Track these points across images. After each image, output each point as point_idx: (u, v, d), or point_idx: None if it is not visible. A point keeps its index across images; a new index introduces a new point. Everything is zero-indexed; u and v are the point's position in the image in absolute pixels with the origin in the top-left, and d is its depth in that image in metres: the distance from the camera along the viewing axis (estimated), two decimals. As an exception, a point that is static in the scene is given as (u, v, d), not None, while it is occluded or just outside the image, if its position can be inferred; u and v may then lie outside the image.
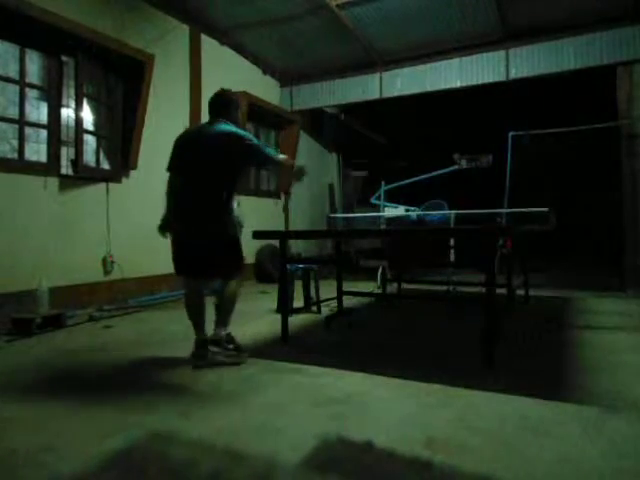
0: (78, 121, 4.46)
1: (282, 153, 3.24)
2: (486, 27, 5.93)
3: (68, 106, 4.46)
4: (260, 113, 7.14)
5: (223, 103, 2.86)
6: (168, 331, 3.60)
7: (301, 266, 4.60)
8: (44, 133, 4.41)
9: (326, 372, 2.57)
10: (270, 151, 2.81)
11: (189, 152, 2.73)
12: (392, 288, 5.46)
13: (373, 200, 6.30)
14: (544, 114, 7.81)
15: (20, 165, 4.12)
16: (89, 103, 4.64)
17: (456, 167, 5.65)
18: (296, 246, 7.26)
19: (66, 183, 4.39)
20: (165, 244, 2.84)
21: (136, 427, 1.85)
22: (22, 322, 3.49)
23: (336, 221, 6.81)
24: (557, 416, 1.94)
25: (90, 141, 4.69)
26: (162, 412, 2.02)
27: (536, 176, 9.05)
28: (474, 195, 7.70)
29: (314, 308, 4.42)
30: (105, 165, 4.84)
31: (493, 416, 1.95)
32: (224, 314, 2.79)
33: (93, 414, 2.00)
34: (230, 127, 2.71)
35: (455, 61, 6.53)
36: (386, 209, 5.98)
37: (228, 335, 2.81)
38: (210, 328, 2.80)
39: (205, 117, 5.98)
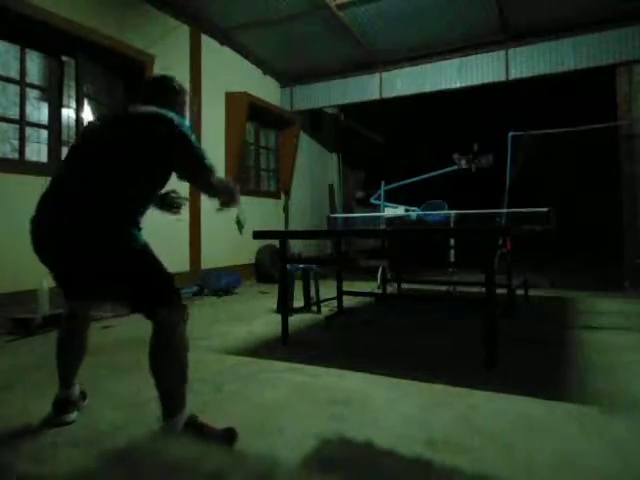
0: (79, 121, 4.46)
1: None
2: (486, 27, 5.93)
3: (69, 106, 4.47)
4: (260, 113, 7.14)
5: (161, 87, 2.01)
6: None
7: (301, 266, 4.60)
8: (45, 133, 4.41)
9: (326, 372, 2.57)
10: (214, 168, 1.85)
11: (99, 133, 1.84)
12: (392, 288, 5.47)
13: (373, 200, 6.31)
14: (544, 114, 7.81)
15: (21, 165, 4.13)
16: (89, 103, 4.63)
17: (456, 167, 5.66)
18: (296, 246, 7.26)
19: (66, 183, 4.39)
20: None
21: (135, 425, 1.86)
22: (22, 322, 3.50)
23: (336, 221, 6.81)
24: (557, 416, 1.95)
25: (90, 141, 4.70)
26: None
27: (536, 176, 9.05)
28: (474, 195, 7.71)
29: (314, 308, 4.42)
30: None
31: (493, 416, 1.95)
32: (173, 385, 1.68)
33: (92, 412, 2.01)
34: (168, 112, 1.81)
35: (455, 61, 6.54)
36: (386, 209, 5.98)
37: (191, 423, 1.69)
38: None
39: (207, 118, 6.08)
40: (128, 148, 1.72)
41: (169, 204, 2.12)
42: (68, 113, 4.46)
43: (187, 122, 1.87)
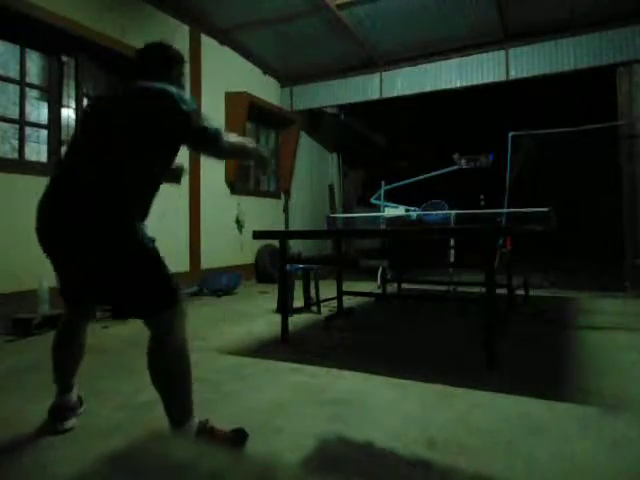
0: (78, 121, 4.47)
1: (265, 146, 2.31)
2: (486, 27, 5.93)
3: (68, 106, 4.47)
4: (260, 113, 7.14)
5: (160, 57, 1.93)
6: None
7: (301, 266, 4.60)
8: (44, 133, 4.41)
9: (326, 372, 2.57)
10: (220, 134, 1.76)
11: (93, 117, 1.78)
12: (392, 288, 5.46)
13: (373, 200, 6.31)
14: (544, 114, 7.81)
15: (20, 165, 4.12)
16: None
17: (456, 167, 5.66)
18: (296, 246, 7.26)
19: (66, 183, 4.39)
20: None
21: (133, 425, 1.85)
22: (22, 322, 3.50)
23: (336, 221, 6.80)
24: (557, 416, 1.94)
25: (90, 141, 4.70)
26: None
27: (536, 176, 9.05)
28: (474, 195, 7.71)
29: (314, 308, 4.42)
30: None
31: (493, 416, 1.95)
32: (179, 393, 1.63)
33: (92, 412, 2.01)
34: (167, 86, 1.73)
35: (455, 61, 6.53)
36: (386, 209, 5.98)
37: (202, 429, 1.65)
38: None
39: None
40: (132, 129, 1.63)
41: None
42: (68, 113, 4.46)
43: (187, 94, 1.79)
